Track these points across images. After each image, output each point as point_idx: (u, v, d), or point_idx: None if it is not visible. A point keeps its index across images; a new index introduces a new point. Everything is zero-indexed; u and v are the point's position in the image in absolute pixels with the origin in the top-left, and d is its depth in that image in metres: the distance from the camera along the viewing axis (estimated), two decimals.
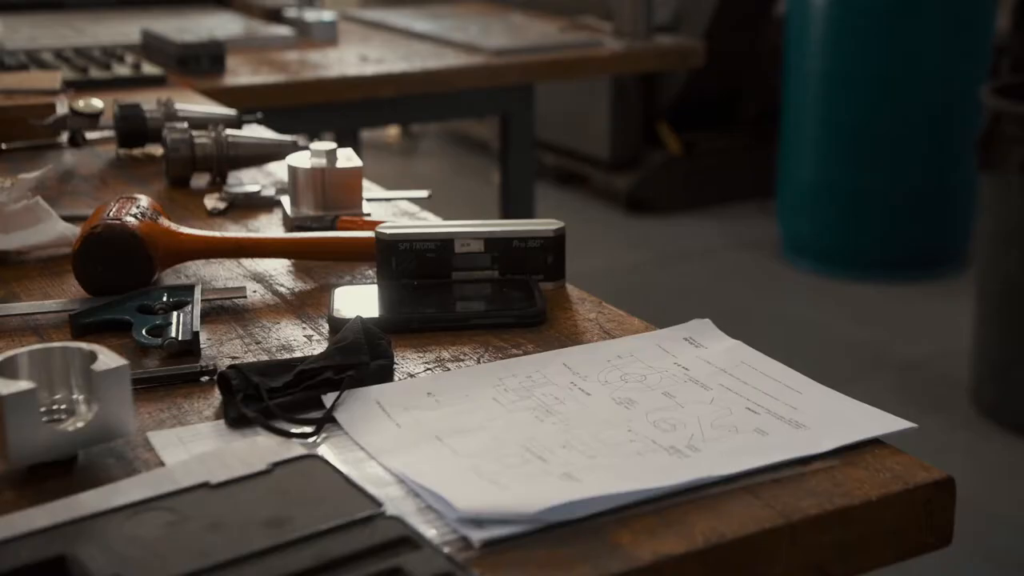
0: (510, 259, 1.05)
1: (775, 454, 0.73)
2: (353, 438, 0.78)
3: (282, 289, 1.06)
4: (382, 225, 1.06)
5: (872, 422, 0.77)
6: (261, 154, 1.39)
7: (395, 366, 0.88)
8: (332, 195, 1.19)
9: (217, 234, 1.10)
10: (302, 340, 0.94)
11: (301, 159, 1.21)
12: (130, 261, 1.01)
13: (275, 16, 2.69)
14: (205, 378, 0.86)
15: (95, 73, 1.97)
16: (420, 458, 0.74)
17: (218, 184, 1.36)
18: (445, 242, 1.04)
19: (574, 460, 0.73)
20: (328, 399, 0.82)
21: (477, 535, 0.65)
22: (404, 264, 1.04)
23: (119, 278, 1.01)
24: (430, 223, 1.08)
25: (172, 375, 0.87)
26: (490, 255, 1.04)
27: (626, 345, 0.91)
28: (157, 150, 1.47)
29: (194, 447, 0.77)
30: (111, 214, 1.03)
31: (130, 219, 1.02)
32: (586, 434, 0.77)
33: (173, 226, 1.06)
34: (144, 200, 1.08)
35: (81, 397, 0.77)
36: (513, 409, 0.80)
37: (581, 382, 0.85)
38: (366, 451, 0.76)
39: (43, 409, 0.76)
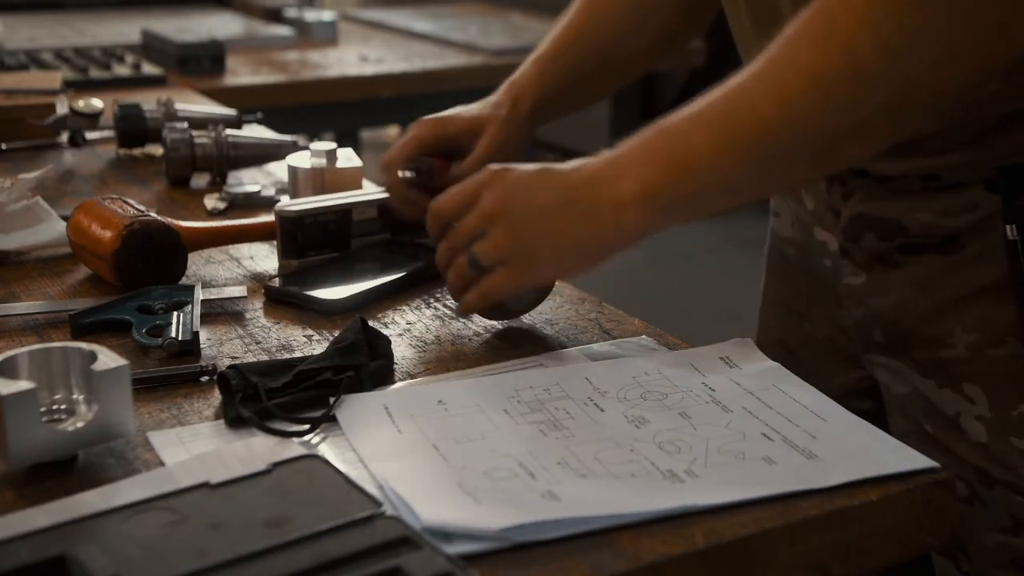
0: (400, 221, 1.12)
1: (775, 485, 0.71)
2: (349, 441, 0.77)
3: None
4: (281, 204, 1.10)
5: (892, 458, 0.74)
6: (261, 154, 1.39)
7: (395, 366, 0.88)
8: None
9: (217, 223, 1.11)
10: (302, 340, 0.94)
11: (301, 159, 1.21)
12: (169, 254, 1.04)
13: (275, 16, 2.69)
14: (205, 378, 0.86)
15: (95, 73, 1.97)
16: (407, 466, 0.73)
17: (218, 184, 1.36)
18: (344, 212, 1.10)
19: (563, 478, 0.72)
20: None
21: (447, 550, 0.64)
22: (309, 238, 1.08)
23: (158, 273, 1.03)
24: (323, 197, 1.13)
25: (172, 375, 0.87)
26: (382, 220, 1.12)
27: (657, 362, 0.89)
28: (157, 150, 1.47)
29: (194, 447, 0.77)
30: (133, 211, 1.05)
31: (154, 214, 1.05)
32: (585, 451, 0.75)
33: (174, 221, 1.07)
34: (132, 200, 1.09)
35: (81, 397, 0.77)
36: (520, 422, 0.79)
37: (599, 398, 0.83)
38: (358, 455, 0.75)
39: (43, 409, 0.76)
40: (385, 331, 0.93)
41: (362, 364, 0.85)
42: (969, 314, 0.92)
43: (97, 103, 1.52)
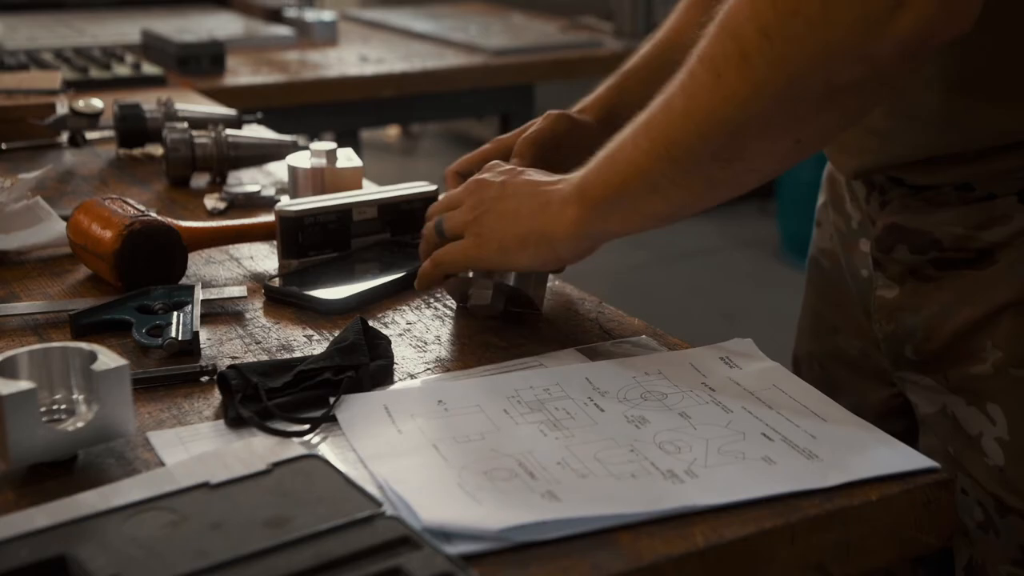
0: (400, 221, 1.14)
1: (775, 486, 0.71)
2: (349, 441, 0.77)
3: None
4: (281, 204, 1.09)
5: (892, 458, 0.74)
6: (261, 154, 1.39)
7: (395, 366, 0.88)
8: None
9: (217, 223, 1.10)
10: (302, 340, 0.94)
11: (301, 159, 1.21)
12: (169, 254, 1.04)
13: (275, 16, 2.69)
14: (205, 378, 0.86)
15: (95, 73, 1.97)
16: (407, 466, 0.73)
17: (218, 184, 1.36)
18: (344, 212, 1.10)
19: (564, 478, 0.72)
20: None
21: (447, 550, 0.64)
22: (310, 238, 1.08)
23: (158, 273, 1.03)
24: (323, 197, 1.13)
25: (172, 375, 0.87)
26: (382, 220, 1.13)
27: (656, 362, 0.88)
28: (157, 150, 1.47)
29: (194, 447, 0.77)
30: (133, 211, 1.05)
31: (154, 214, 1.05)
32: (585, 452, 0.75)
33: (174, 221, 1.07)
34: (132, 200, 1.09)
35: (81, 397, 0.77)
36: (521, 422, 0.79)
37: (599, 398, 0.82)
38: (358, 455, 0.75)
39: (43, 409, 0.76)
40: (385, 331, 0.93)
41: (362, 364, 0.85)
42: (998, 330, 0.91)
43: (97, 103, 1.52)
